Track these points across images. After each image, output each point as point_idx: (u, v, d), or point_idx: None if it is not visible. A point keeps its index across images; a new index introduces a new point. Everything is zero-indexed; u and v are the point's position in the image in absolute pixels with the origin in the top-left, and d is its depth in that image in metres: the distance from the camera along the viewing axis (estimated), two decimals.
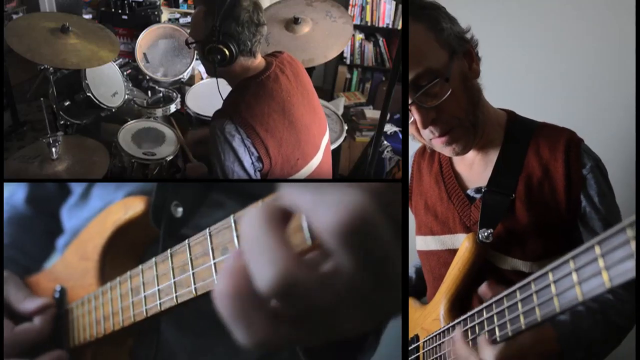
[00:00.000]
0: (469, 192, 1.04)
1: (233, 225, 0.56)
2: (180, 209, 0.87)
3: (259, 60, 1.36)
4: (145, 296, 0.74)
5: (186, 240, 0.66)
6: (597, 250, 0.55)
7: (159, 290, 0.71)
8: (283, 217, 0.37)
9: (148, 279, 0.74)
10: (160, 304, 0.71)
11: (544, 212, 0.95)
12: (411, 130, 0.97)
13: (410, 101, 0.91)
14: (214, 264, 0.60)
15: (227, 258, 0.37)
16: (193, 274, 0.64)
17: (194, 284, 0.63)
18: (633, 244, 0.50)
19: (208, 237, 0.61)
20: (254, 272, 0.36)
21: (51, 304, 0.94)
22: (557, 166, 0.95)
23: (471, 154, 1.05)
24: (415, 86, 0.90)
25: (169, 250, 0.69)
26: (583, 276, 0.57)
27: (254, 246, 0.36)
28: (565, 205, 0.94)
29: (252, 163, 1.28)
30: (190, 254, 0.64)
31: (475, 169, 1.05)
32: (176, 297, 0.67)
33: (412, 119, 0.93)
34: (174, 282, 0.68)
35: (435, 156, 1.14)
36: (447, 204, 1.06)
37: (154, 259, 0.73)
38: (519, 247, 0.96)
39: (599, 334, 0.89)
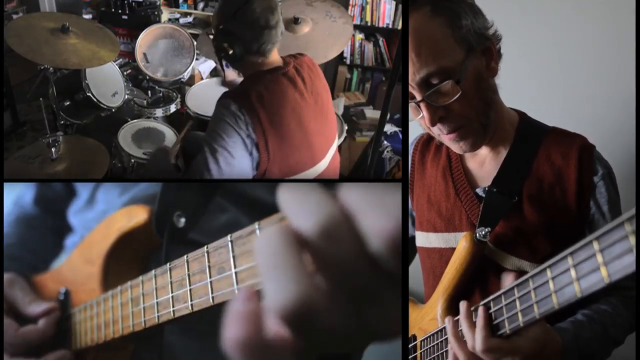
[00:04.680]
0: (477, 190, 1.02)
1: (230, 245, 0.57)
2: (182, 219, 0.88)
3: (273, 58, 1.36)
4: (144, 307, 0.75)
5: (185, 256, 0.67)
6: (596, 245, 0.54)
7: (157, 303, 0.72)
8: (299, 239, 0.37)
9: (147, 290, 0.75)
10: (158, 316, 0.72)
11: (553, 215, 0.94)
12: (421, 121, 0.96)
13: (419, 98, 0.89)
14: (210, 282, 0.61)
15: (234, 300, 0.37)
16: (190, 290, 0.65)
17: (191, 300, 0.65)
18: (632, 239, 0.49)
19: (205, 255, 0.62)
20: (269, 293, 0.35)
21: (55, 307, 0.95)
22: (570, 172, 0.95)
23: (483, 151, 1.03)
24: (426, 84, 0.89)
25: (168, 265, 0.70)
26: (582, 272, 0.57)
27: (271, 267, 0.36)
28: (575, 210, 0.94)
29: (249, 151, 1.26)
30: (188, 270, 0.66)
31: (486, 167, 1.03)
32: (173, 311, 0.68)
33: (421, 114, 0.92)
34: (172, 297, 0.69)
35: (442, 149, 1.11)
36: (453, 201, 1.04)
37: (153, 272, 0.74)
38: (526, 248, 0.95)
39: (598, 345, 0.89)
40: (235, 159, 1.26)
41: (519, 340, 0.75)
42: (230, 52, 1.31)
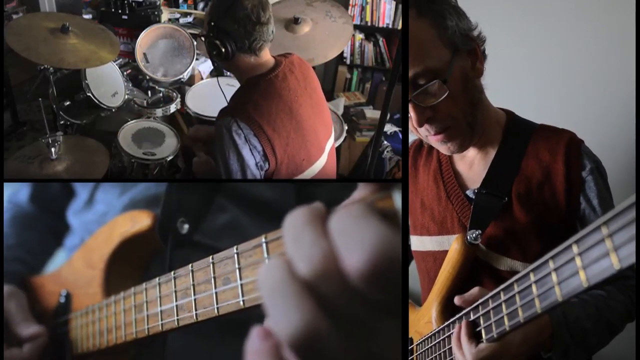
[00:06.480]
0: (468, 192, 1.03)
1: (236, 257, 0.57)
2: (186, 226, 0.88)
3: (266, 59, 1.36)
4: (147, 315, 0.75)
5: (189, 266, 0.67)
6: (575, 249, 0.54)
7: (161, 311, 0.72)
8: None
9: (151, 298, 0.75)
10: (162, 324, 0.72)
11: (544, 214, 0.95)
12: (409, 125, 0.97)
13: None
14: (216, 293, 0.61)
15: (251, 340, 0.38)
16: (195, 300, 0.65)
17: (195, 310, 0.65)
18: (608, 243, 0.49)
19: (211, 266, 0.62)
20: (276, 324, 0.36)
21: (43, 333, 0.93)
22: (558, 168, 0.95)
23: (471, 153, 1.04)
24: (414, 84, 0.89)
25: (172, 273, 0.70)
26: (562, 276, 0.57)
27: (277, 295, 0.37)
28: (565, 207, 0.94)
29: (257, 163, 1.28)
30: (192, 280, 0.66)
31: (475, 168, 1.04)
32: (178, 320, 0.68)
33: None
34: (176, 306, 0.69)
35: (433, 153, 1.12)
36: (445, 204, 1.05)
37: (157, 279, 0.74)
38: (518, 249, 0.95)
39: (590, 324, 0.88)
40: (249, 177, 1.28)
41: (508, 336, 0.75)
42: (223, 50, 1.30)
